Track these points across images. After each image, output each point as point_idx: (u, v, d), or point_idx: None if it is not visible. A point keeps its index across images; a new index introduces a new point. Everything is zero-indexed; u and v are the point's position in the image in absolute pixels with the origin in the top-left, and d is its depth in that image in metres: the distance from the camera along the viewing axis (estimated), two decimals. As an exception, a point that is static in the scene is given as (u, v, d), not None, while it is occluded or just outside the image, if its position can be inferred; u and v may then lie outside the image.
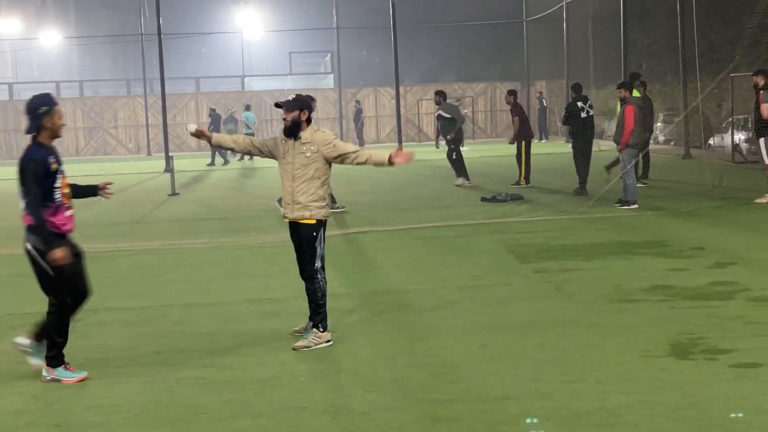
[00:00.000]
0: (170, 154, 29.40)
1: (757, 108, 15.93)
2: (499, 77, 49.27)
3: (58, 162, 6.94)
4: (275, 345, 7.81)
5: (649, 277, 10.08)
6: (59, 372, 6.95)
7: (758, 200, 15.82)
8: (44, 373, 6.97)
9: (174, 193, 22.12)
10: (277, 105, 7.95)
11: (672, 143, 31.62)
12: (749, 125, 22.58)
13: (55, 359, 6.97)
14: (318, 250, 7.69)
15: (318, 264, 7.67)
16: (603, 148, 25.06)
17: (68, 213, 7.00)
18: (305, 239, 7.71)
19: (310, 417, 6.01)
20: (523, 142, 20.73)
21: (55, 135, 6.99)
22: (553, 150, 33.73)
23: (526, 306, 9.01)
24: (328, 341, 7.65)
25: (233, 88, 50.19)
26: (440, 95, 21.82)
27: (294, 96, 7.93)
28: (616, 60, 31.71)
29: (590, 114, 18.53)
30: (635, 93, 17.35)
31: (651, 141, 21.79)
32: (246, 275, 11.23)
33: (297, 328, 7.99)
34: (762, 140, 15.98)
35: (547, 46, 44.93)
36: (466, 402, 6.16)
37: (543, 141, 40.90)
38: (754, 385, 6.27)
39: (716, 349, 7.13)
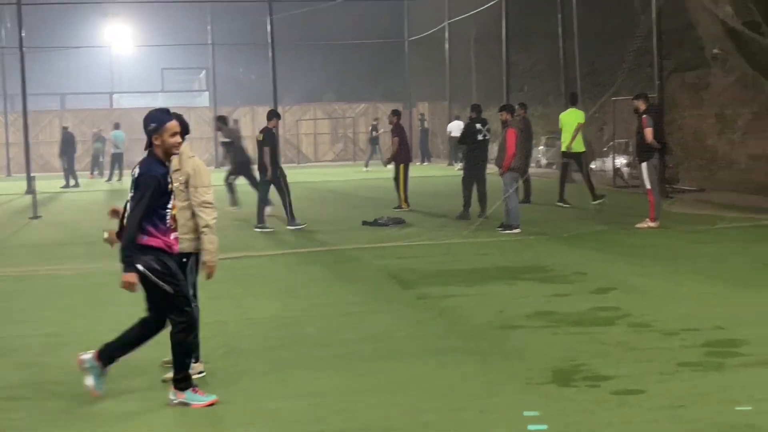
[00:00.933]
0: (32, 174, 28.58)
1: (639, 132, 16.45)
2: (381, 98, 49.62)
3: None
4: (144, 377, 7.66)
5: (532, 302, 10.25)
6: (188, 395, 6.80)
7: (639, 225, 16.32)
8: (171, 396, 6.83)
9: (36, 216, 21.51)
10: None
11: (554, 167, 32.36)
12: (630, 149, 23.31)
13: (184, 381, 6.83)
14: (189, 279, 7.58)
15: (189, 293, 7.57)
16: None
17: (174, 236, 6.96)
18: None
19: (182, 453, 5.91)
20: (402, 165, 20.84)
21: (168, 153, 6.90)
22: (435, 173, 34.11)
23: (408, 333, 9.05)
24: (200, 372, 7.52)
25: (101, 105, 49.16)
26: (220, 120, 21.83)
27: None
28: (498, 81, 32.39)
29: (486, 138, 18.75)
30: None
31: (532, 164, 22.31)
32: (112, 303, 10.94)
33: (167, 359, 7.84)
34: (644, 165, 16.49)
35: (430, 67, 45.51)
36: (346, 434, 6.16)
37: (425, 164, 41.34)
38: (636, 412, 6.43)
39: (599, 376, 7.29)
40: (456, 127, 31.38)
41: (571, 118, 20.59)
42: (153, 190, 6.69)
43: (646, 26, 23.08)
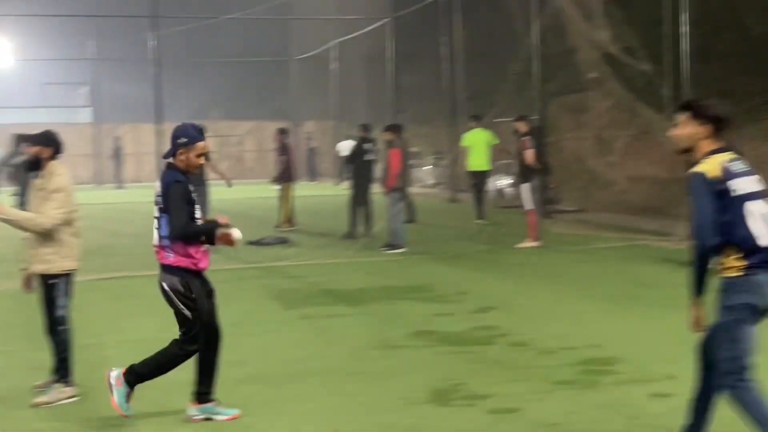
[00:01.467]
0: None
1: (520, 154, 16.73)
2: (268, 116, 49.27)
3: None
4: (13, 402, 7.44)
5: (413, 322, 10.26)
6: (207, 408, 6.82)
7: (519, 245, 16.55)
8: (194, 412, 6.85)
9: None
10: (22, 139, 7.69)
11: (439, 187, 32.60)
12: (512, 170, 23.62)
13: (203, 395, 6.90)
14: (60, 302, 7.39)
15: (61, 314, 7.36)
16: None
17: (203, 248, 6.72)
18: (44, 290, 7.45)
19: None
20: (286, 184, 20.71)
21: (187, 171, 6.72)
22: (322, 192, 34.03)
23: (288, 354, 9.00)
24: (72, 397, 7.33)
25: (-23, 121, 47.54)
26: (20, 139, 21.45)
27: (42, 132, 7.67)
28: (386, 101, 32.57)
29: (372, 158, 18.73)
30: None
31: (419, 184, 22.43)
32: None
33: (39, 383, 7.62)
34: (524, 186, 16.76)
35: (316, 86, 45.51)
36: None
37: (313, 182, 41.26)
38: (512, 429, 6.49)
39: (475, 395, 7.33)
40: (346, 147, 31.41)
41: (479, 138, 20.88)
42: (185, 197, 6.62)
43: (527, 50, 23.55)
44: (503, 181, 25.80)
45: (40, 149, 7.49)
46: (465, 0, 28.19)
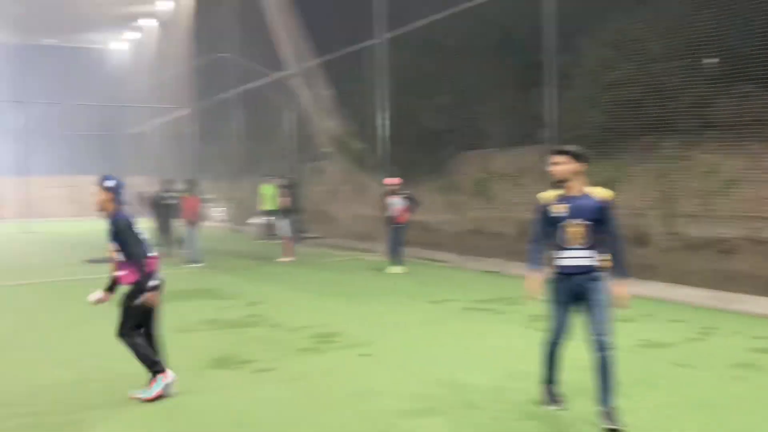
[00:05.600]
0: None
1: (283, 199, 16.86)
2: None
3: None
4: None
5: (202, 313, 9.96)
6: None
7: (280, 259, 16.50)
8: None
9: None
10: None
11: (226, 222, 31.78)
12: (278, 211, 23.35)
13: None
14: None
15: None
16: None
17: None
18: None
19: None
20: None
21: None
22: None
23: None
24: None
25: None
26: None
27: None
28: (189, 164, 31.47)
29: (173, 203, 17.29)
30: None
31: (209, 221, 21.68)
32: None
33: None
34: (284, 221, 16.82)
35: (144, 153, 43.07)
36: None
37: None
38: (267, 383, 6.41)
39: (244, 360, 7.20)
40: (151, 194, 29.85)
41: (269, 190, 20.28)
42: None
43: (287, 131, 23.61)
44: (265, 219, 25.37)
45: None
46: (246, 97, 28.00)
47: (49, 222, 34.97)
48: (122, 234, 5.79)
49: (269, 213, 20.70)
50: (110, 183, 5.98)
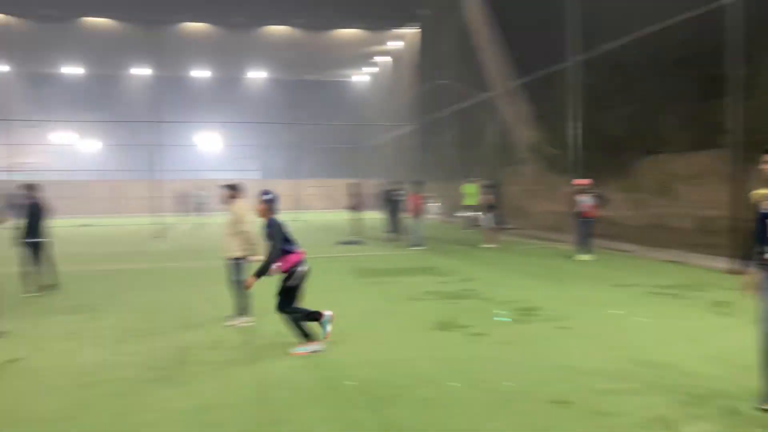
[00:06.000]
0: None
1: (485, 198, 16.77)
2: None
3: None
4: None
5: (426, 286, 10.11)
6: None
7: (483, 245, 16.44)
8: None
9: None
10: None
11: (440, 215, 32.04)
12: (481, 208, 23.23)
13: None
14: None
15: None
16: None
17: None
18: None
19: None
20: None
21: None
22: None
23: (361, 304, 8.93)
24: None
25: None
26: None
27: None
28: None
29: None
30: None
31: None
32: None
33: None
34: (487, 215, 16.77)
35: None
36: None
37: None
38: (483, 345, 6.40)
39: (462, 325, 7.29)
40: None
41: (471, 189, 20.15)
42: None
43: (491, 139, 23.45)
44: (473, 214, 25.26)
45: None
46: (458, 114, 28.15)
47: (310, 213, 38.12)
48: (274, 234, 5.92)
49: (470, 208, 20.87)
50: (268, 197, 6.08)
